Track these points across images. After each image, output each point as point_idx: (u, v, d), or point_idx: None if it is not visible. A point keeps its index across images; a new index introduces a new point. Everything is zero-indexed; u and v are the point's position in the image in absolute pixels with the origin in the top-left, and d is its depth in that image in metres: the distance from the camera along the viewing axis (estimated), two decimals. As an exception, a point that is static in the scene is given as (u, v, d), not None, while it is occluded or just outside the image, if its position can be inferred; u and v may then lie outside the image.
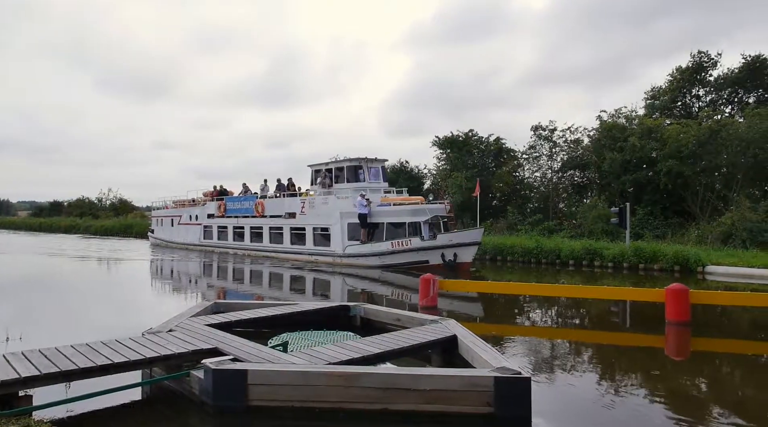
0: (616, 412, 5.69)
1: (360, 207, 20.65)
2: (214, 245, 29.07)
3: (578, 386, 6.57)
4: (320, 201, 22.93)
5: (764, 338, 9.91)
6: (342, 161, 23.10)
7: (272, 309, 8.92)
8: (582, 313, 12.13)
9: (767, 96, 29.40)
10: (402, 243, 19.74)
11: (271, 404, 5.23)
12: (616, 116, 31.16)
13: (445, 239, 19.48)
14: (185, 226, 32.00)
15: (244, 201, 27.75)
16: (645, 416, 5.55)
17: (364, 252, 20.71)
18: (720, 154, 25.28)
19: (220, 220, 28.89)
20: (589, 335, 10.17)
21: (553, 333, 10.20)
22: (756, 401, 6.19)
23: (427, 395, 5.05)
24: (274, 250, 24.98)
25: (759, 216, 21.61)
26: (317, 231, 23.00)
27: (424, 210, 20.63)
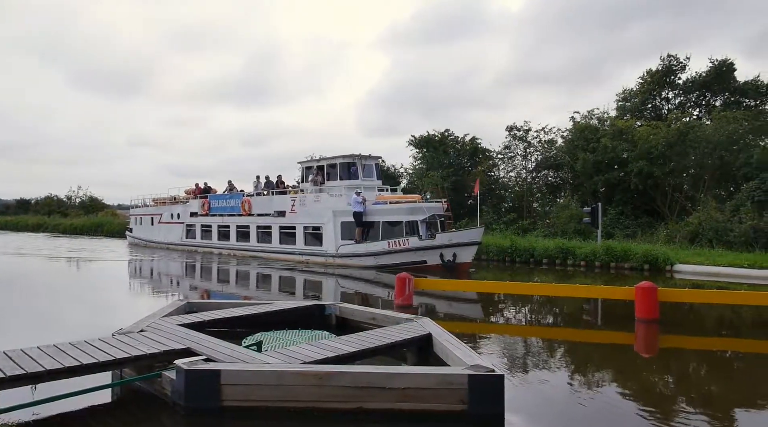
0: (588, 408, 5.79)
1: (355, 205, 19.93)
2: (198, 244, 28.16)
3: (551, 383, 6.67)
4: (312, 199, 22.18)
5: (729, 335, 10.22)
6: (335, 158, 22.28)
7: (246, 308, 8.84)
8: (555, 311, 12.32)
9: (733, 99, 30.28)
10: (399, 243, 19.12)
11: (245, 404, 5.18)
12: (588, 117, 31.74)
13: (444, 239, 18.87)
14: (166, 225, 30.99)
15: (229, 199, 26.88)
16: (616, 411, 5.67)
17: (359, 252, 20.04)
18: (688, 156, 25.94)
19: (204, 219, 27.98)
20: (561, 332, 10.34)
21: (527, 331, 10.34)
22: (721, 396, 6.38)
23: (402, 394, 5.07)
24: (262, 250, 24.16)
25: (724, 216, 22.25)
26: (308, 230, 22.28)
27: (421, 209, 19.86)
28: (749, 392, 6.52)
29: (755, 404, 6.02)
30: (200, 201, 28.39)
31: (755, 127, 26.28)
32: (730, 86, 30.20)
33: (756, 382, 7.05)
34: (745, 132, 25.71)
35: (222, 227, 26.84)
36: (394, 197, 21.38)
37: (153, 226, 32.39)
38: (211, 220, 27.56)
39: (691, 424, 5.27)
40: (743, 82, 30.03)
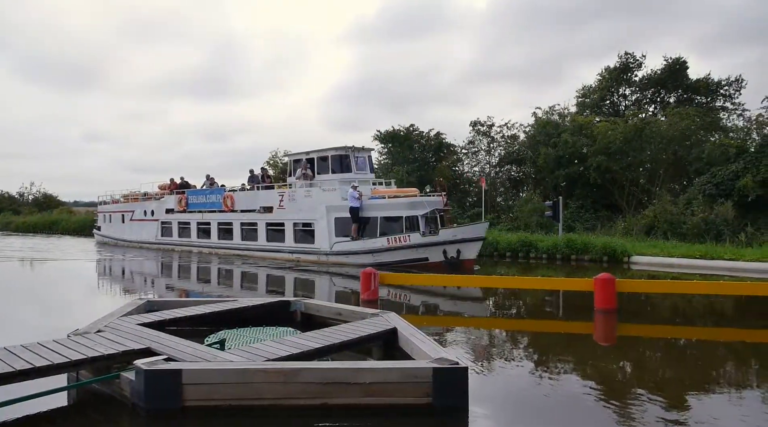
0: (550, 397, 5.93)
1: (351, 200, 18.74)
2: (175, 242, 26.55)
3: (515, 374, 6.80)
4: (302, 194, 20.81)
5: (682, 323, 10.64)
6: (326, 150, 21.07)
7: (210, 306, 8.69)
8: (518, 303, 12.56)
9: (686, 96, 31.41)
10: (399, 239, 18.05)
11: (208, 403, 5.09)
12: (550, 113, 32.40)
13: (448, 235, 17.82)
14: (139, 222, 29.22)
15: (209, 194, 25.28)
16: (578, 400, 5.82)
17: (356, 249, 18.85)
18: (644, 151, 26.79)
19: (182, 215, 26.35)
20: (524, 323, 10.55)
21: (491, 323, 10.52)
22: (675, 381, 6.63)
23: (367, 389, 5.08)
24: (248, 248, 22.76)
25: (678, 209, 23.09)
26: (298, 227, 20.96)
27: (422, 203, 18.74)
28: (700, 377, 6.80)
29: (706, 388, 6.29)
30: (177, 197, 26.77)
31: (706, 124, 27.36)
32: (683, 84, 31.31)
33: (707, 367, 7.36)
34: (697, 128, 26.71)
35: (202, 224, 25.30)
36: (390, 191, 20.33)
37: (124, 223, 30.54)
38: (189, 216, 26.02)
39: (647, 409, 5.46)
40: (695, 80, 31.17)
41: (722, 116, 30.25)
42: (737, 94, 30.97)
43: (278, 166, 41.18)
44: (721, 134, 27.51)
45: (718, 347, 8.70)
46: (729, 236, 20.55)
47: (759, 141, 24.21)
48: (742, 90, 30.87)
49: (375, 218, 18.90)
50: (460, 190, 34.18)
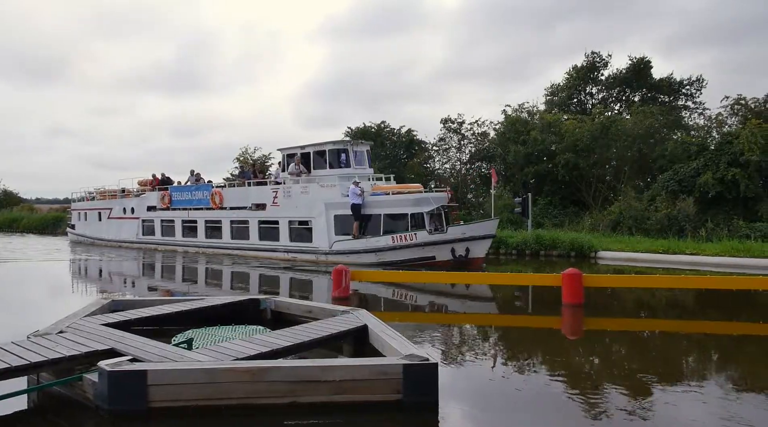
0: (520, 391, 6.01)
1: (353, 197, 17.81)
2: (157, 241, 25.32)
3: (485, 368, 6.88)
4: (298, 190, 19.79)
5: (646, 316, 10.93)
6: (323, 144, 20.18)
7: (177, 305, 8.52)
8: (488, 298, 12.70)
9: (650, 95, 32.25)
10: (405, 237, 17.20)
11: (174, 404, 4.99)
12: (519, 111, 32.83)
13: (456, 232, 17.19)
14: (117, 220, 27.81)
15: (195, 191, 24.00)
16: (547, 392, 5.92)
17: (358, 248, 17.90)
18: (610, 148, 27.41)
19: (165, 213, 25.08)
20: (494, 318, 10.68)
21: (462, 318, 10.61)
22: (640, 372, 6.80)
23: (337, 386, 5.06)
24: (238, 247, 21.69)
25: (642, 205, 23.71)
26: (294, 225, 19.95)
27: (427, 199, 17.96)
28: (664, 368, 6.99)
29: (669, 378, 6.46)
30: (159, 193, 25.44)
31: (669, 122, 28.16)
32: (647, 83, 32.13)
33: (670, 358, 7.58)
34: (660, 126, 27.47)
35: (187, 222, 24.06)
36: (392, 187, 19.58)
37: (101, 222, 29.03)
38: (173, 214, 24.74)
39: (613, 399, 5.59)
40: (659, 80, 32.03)
41: (684, 115, 31.22)
42: (698, 94, 31.99)
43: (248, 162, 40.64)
44: (683, 132, 28.35)
45: (680, 338, 8.97)
46: (690, 232, 21.20)
47: (718, 139, 25.02)
48: (702, 90, 31.92)
49: (378, 216, 18.06)
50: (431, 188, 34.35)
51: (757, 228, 20.33)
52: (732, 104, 26.20)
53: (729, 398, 5.72)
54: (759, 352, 8.06)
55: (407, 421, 5.03)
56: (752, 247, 18.12)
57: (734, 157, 22.12)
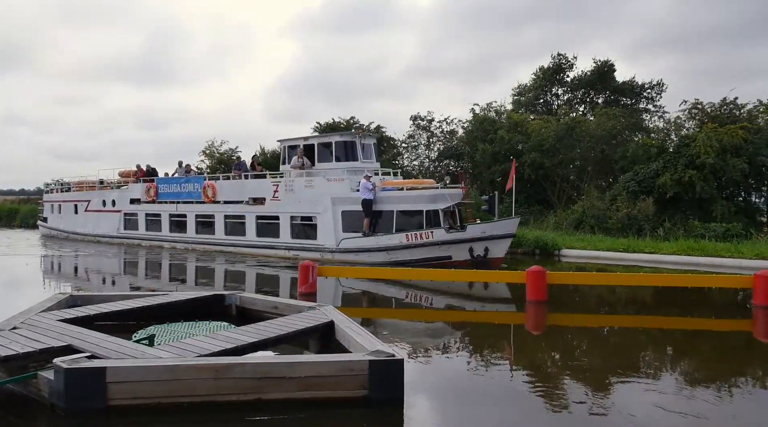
0: (485, 385, 6.10)
1: (364, 191, 16.76)
2: (141, 236, 23.89)
3: (450, 364, 6.95)
4: (302, 184, 18.66)
5: (607, 312, 11.24)
6: (329, 135, 19.27)
7: (139, 301, 8.32)
8: (454, 295, 12.82)
9: (613, 97, 33.10)
10: (420, 236, 16.25)
11: (135, 402, 4.88)
12: (487, 110, 33.23)
13: (476, 231, 16.31)
14: (96, 213, 26.20)
15: (185, 183, 22.60)
16: (512, 387, 6.02)
17: (368, 246, 16.85)
18: (574, 149, 28.02)
19: (150, 206, 23.67)
20: (460, 314, 10.80)
21: (428, 315, 10.70)
22: (600, 366, 7.00)
23: (303, 382, 5.03)
24: (233, 243, 20.40)
25: (604, 205, 24.32)
26: (296, 220, 18.84)
27: (444, 196, 17.06)
28: (623, 362, 7.20)
29: (627, 372, 6.66)
30: (144, 185, 23.97)
31: (631, 124, 28.96)
32: (610, 85, 32.96)
33: (628, 352, 7.82)
34: (622, 128, 28.22)
35: (176, 216, 22.69)
36: (404, 182, 18.59)
37: (77, 215, 27.38)
38: (159, 208, 23.34)
39: (574, 392, 5.73)
40: (621, 83, 32.89)
41: (645, 118, 32.15)
42: (658, 97, 33.00)
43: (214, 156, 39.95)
44: (643, 134, 29.20)
45: (638, 334, 9.26)
46: (649, 231, 21.88)
47: (676, 142, 25.86)
48: (662, 93, 32.94)
49: (390, 212, 17.03)
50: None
51: (711, 228, 21.12)
52: (689, 108, 27.11)
53: (683, 390, 5.94)
54: (711, 346, 8.39)
55: (372, 416, 5.05)
56: (706, 246, 18.83)
57: (691, 160, 22.90)
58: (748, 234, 20.90)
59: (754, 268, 13.75)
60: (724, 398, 5.76)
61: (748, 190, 25.24)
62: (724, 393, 5.91)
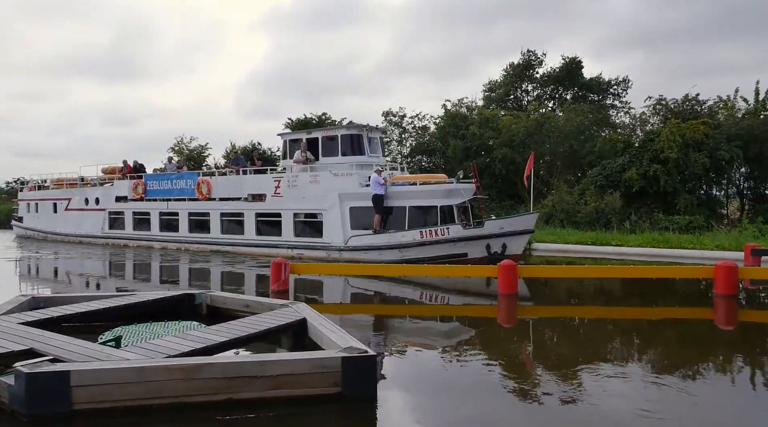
0: (458, 379, 6.14)
1: (376, 186, 16.09)
2: (128, 236, 22.82)
3: (423, 359, 6.98)
4: (306, 179, 17.86)
5: (576, 304, 11.46)
6: (335, 128, 18.62)
7: (105, 302, 8.11)
8: (427, 290, 12.88)
9: (581, 94, 33.71)
10: (435, 232, 15.61)
11: (101, 406, 4.75)
12: (458, 106, 33.47)
13: (493, 227, 15.77)
14: (78, 212, 25.00)
15: (177, 179, 21.61)
16: (484, 380, 6.08)
17: (379, 244, 16.16)
18: (544, 144, 28.45)
19: (138, 204, 22.67)
20: (432, 309, 10.86)
21: (401, 309, 10.72)
22: (570, 357, 7.12)
23: (275, 381, 4.98)
24: (231, 242, 19.52)
25: (573, 199, 24.80)
26: (300, 218, 18.08)
27: (459, 191, 16.49)
28: (591, 352, 7.35)
29: (596, 361, 6.80)
30: (131, 182, 22.94)
31: (598, 120, 29.55)
32: (578, 82, 33.58)
33: (597, 343, 7.98)
34: (590, 124, 28.78)
35: (166, 214, 21.69)
36: (416, 177, 18.09)
37: (57, 214, 26.14)
38: (148, 206, 22.32)
39: (545, 383, 5.81)
40: (589, 79, 33.53)
41: (612, 113, 32.85)
42: (624, 94, 33.77)
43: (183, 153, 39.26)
44: (610, 130, 29.84)
45: (606, 324, 9.46)
46: (616, 224, 22.40)
47: (642, 137, 26.51)
48: (628, 90, 33.72)
49: (402, 208, 16.40)
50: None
51: (675, 221, 21.75)
52: (654, 104, 27.81)
53: (648, 377, 6.09)
54: (675, 335, 8.63)
55: (346, 413, 5.03)
56: (670, 238, 19.38)
57: (655, 154, 23.51)
58: (710, 226, 21.60)
59: (715, 258, 14.21)
60: (687, 384, 5.92)
61: (709, 183, 26.06)
62: (688, 380, 6.08)
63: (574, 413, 5.08)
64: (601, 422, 4.88)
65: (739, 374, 6.48)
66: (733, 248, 16.90)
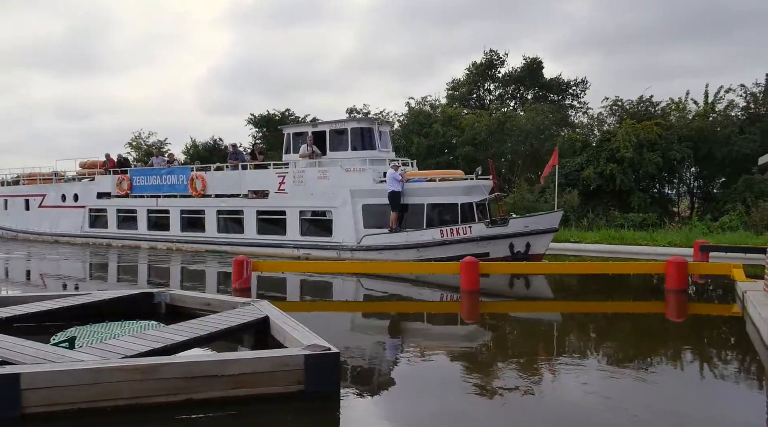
0: (422, 374, 6.20)
1: (392, 183, 15.32)
2: (112, 235, 21.44)
3: (387, 355, 7.02)
4: (314, 175, 16.93)
5: (535, 299, 11.74)
6: (344, 121, 17.80)
7: (58, 301, 7.83)
8: (391, 287, 12.94)
9: (541, 94, 34.45)
10: (457, 231, 14.92)
11: (54, 409, 4.58)
12: (422, 104, 33.68)
13: (518, 226, 15.10)
14: (54, 210, 23.49)
15: (168, 174, 20.31)
16: (448, 374, 6.15)
17: (396, 243, 15.38)
18: (505, 143, 28.96)
19: (123, 201, 21.37)
20: (396, 306, 10.91)
21: (365, 306, 10.75)
22: (530, 351, 7.28)
23: (236, 380, 4.91)
24: (229, 242, 18.35)
25: (534, 197, 25.34)
26: (307, 216, 17.19)
27: (479, 187, 15.88)
28: (551, 346, 7.55)
29: (555, 354, 6.99)
30: (115, 177, 21.57)
31: (558, 119, 30.28)
32: (539, 82, 34.30)
33: (557, 336, 8.20)
34: (550, 123, 29.44)
35: (155, 212, 20.50)
36: (432, 173, 17.49)
37: (29, 211, 24.58)
38: (134, 202, 21.07)
39: (507, 377, 5.93)
40: (549, 80, 34.29)
41: (571, 113, 33.73)
42: (583, 94, 34.72)
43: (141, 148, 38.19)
44: (569, 130, 30.63)
45: (565, 318, 9.72)
46: (575, 221, 23.02)
47: (599, 137, 27.31)
48: (586, 91, 34.67)
49: (419, 205, 15.64)
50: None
51: (630, 218, 22.52)
52: (611, 105, 28.70)
53: (604, 369, 6.30)
54: (630, 328, 8.96)
55: (309, 411, 5.01)
56: (625, 235, 20.07)
57: (612, 154, 24.26)
58: (662, 223, 22.47)
59: (666, 254, 14.79)
60: (642, 373, 6.15)
61: (661, 182, 27.08)
62: (642, 370, 6.32)
63: (536, 405, 5.21)
64: (564, 412, 5.02)
65: (689, 363, 6.79)
66: (684, 245, 17.61)
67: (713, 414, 5.03)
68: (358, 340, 7.81)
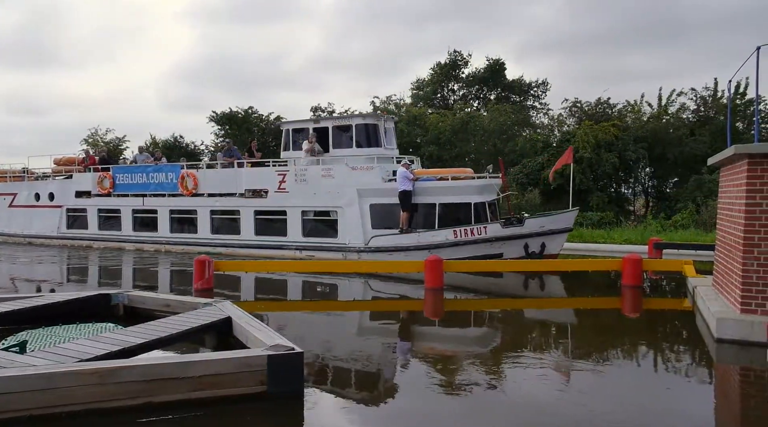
0: (385, 373, 6.22)
1: (403, 182, 14.76)
2: (92, 236, 20.24)
3: (351, 354, 7.00)
4: (317, 173, 16.16)
5: (498, 297, 11.93)
6: (348, 117, 17.15)
7: (8, 304, 7.52)
8: (355, 285, 12.93)
9: (504, 94, 35.03)
10: (471, 231, 14.48)
11: (4, 416, 4.40)
12: (387, 103, 33.76)
13: (534, 225, 14.68)
14: (26, 209, 22.05)
15: (155, 172, 19.23)
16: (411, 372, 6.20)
17: (407, 244, 14.85)
18: (469, 142, 29.31)
19: (105, 200, 20.13)
20: (360, 305, 10.93)
21: (329, 305, 10.71)
22: (493, 347, 7.41)
23: (198, 382, 4.82)
24: (224, 243, 17.43)
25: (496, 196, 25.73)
26: (309, 216, 16.49)
27: (492, 186, 15.46)
28: (513, 341, 7.70)
29: (518, 350, 7.13)
30: (96, 175, 20.25)
31: (520, 120, 30.84)
32: (502, 83, 34.87)
33: (519, 332, 8.36)
34: (512, 123, 29.97)
35: (141, 211, 19.41)
36: (442, 171, 16.93)
37: None
38: (118, 202, 19.86)
39: (470, 373, 6.02)
40: (511, 81, 34.90)
41: (532, 114, 34.40)
42: (544, 96, 35.47)
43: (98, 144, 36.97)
44: (531, 130, 31.23)
45: (526, 315, 9.93)
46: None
47: (559, 137, 27.95)
48: (547, 92, 35.44)
49: (430, 205, 15.11)
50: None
51: (588, 217, 23.14)
52: (570, 107, 29.38)
53: (564, 363, 6.46)
54: (588, 323, 9.22)
55: (272, 411, 4.97)
56: (584, 233, 20.62)
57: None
58: (619, 222, 23.17)
59: (623, 252, 15.25)
60: (599, 366, 6.35)
61: (618, 182, 27.90)
62: (599, 364, 6.51)
63: (500, 399, 5.31)
64: (526, 405, 5.13)
65: (643, 356, 7.05)
66: (639, 242, 18.22)
67: (669, 406, 5.22)
68: (323, 338, 7.78)
